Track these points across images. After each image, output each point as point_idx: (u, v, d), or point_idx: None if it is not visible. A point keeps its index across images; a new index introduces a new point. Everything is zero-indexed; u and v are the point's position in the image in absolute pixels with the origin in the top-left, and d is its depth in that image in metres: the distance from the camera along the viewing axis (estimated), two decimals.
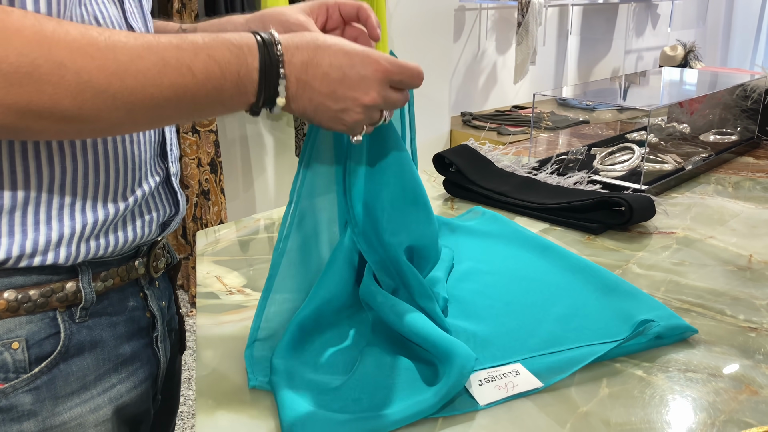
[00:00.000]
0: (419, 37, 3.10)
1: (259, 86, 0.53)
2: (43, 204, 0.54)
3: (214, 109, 0.54)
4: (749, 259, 0.88)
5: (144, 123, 0.52)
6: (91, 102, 0.46)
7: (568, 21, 3.99)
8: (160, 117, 0.52)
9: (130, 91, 0.47)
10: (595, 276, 0.79)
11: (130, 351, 0.63)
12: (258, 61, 0.53)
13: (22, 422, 0.55)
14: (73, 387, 0.58)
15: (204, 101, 0.52)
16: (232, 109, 0.55)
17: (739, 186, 1.20)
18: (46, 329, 0.56)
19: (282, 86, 0.54)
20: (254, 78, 0.53)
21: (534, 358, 0.65)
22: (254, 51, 0.52)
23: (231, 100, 0.53)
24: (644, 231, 0.99)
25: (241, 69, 0.52)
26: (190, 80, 0.50)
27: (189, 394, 2.08)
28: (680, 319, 0.69)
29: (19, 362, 0.54)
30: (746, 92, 1.48)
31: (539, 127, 1.58)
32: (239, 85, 0.52)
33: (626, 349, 0.67)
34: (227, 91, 0.52)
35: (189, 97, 0.51)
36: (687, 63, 4.04)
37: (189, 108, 0.52)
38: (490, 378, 0.62)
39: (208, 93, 0.51)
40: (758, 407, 0.58)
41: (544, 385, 0.61)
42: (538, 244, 0.90)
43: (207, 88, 0.51)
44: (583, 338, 0.68)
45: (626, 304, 0.73)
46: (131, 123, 0.51)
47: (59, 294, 0.56)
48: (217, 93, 0.52)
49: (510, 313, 0.74)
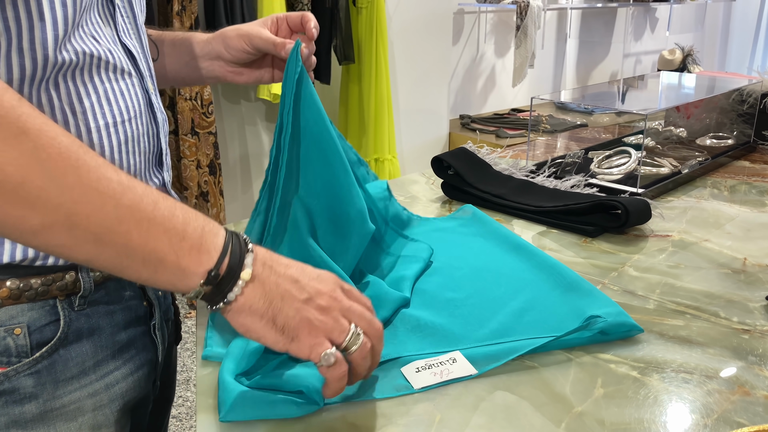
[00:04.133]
0: (418, 39, 3.11)
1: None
2: None
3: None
4: (744, 262, 0.89)
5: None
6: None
7: (567, 24, 4.00)
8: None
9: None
10: (559, 274, 0.80)
11: (127, 339, 0.66)
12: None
13: (23, 404, 0.58)
14: (73, 372, 0.60)
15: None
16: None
17: (735, 190, 1.21)
18: (46, 316, 0.58)
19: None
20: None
21: (477, 348, 0.68)
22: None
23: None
24: (640, 234, 1.00)
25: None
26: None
27: (188, 395, 2.08)
28: (628, 317, 0.70)
29: (21, 347, 0.57)
30: (742, 96, 1.49)
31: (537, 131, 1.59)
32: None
33: (569, 342, 0.69)
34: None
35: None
36: (685, 67, 4.05)
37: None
38: (427, 366, 0.65)
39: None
40: (750, 408, 0.59)
41: (478, 372, 0.64)
42: (512, 242, 0.91)
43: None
44: (532, 331, 0.70)
45: (582, 302, 0.74)
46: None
47: (59, 283, 0.59)
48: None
49: (468, 305, 0.76)
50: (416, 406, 0.60)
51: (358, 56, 2.73)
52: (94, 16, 0.59)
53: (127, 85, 0.62)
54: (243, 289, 0.50)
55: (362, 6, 2.67)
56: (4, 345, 0.56)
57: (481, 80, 3.66)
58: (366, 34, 2.71)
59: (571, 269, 0.81)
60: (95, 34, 0.59)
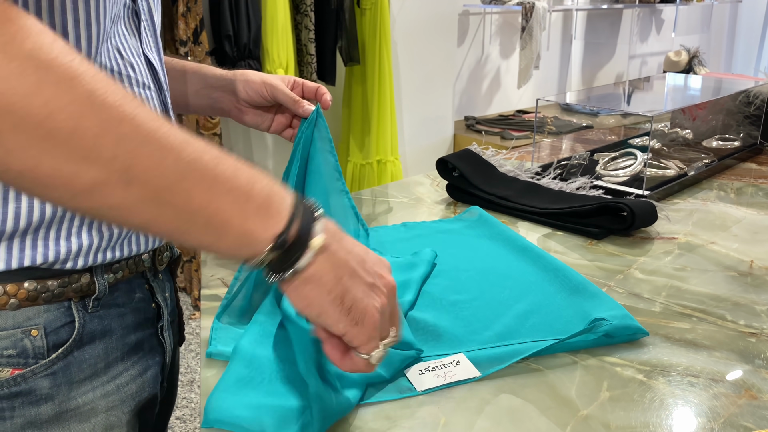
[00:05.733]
0: (423, 41, 3.11)
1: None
2: (66, 221, 0.57)
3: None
4: (750, 264, 0.89)
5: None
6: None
7: (572, 26, 4.00)
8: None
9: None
10: (564, 277, 0.80)
11: (136, 340, 0.66)
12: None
13: (39, 405, 0.58)
14: (86, 373, 0.61)
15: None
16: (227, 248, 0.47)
17: (742, 192, 1.20)
18: (62, 318, 0.59)
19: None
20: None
21: (481, 350, 0.67)
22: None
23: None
24: (646, 236, 0.99)
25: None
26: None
27: (192, 396, 2.08)
28: (633, 320, 0.70)
29: (38, 348, 0.58)
30: (749, 98, 1.49)
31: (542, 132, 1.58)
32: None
33: (574, 345, 0.68)
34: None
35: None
36: (691, 68, 4.04)
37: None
38: (431, 368, 0.65)
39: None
40: (757, 412, 0.58)
41: (481, 375, 0.63)
42: (518, 244, 0.91)
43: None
44: (537, 334, 0.70)
45: (587, 304, 0.74)
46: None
47: (75, 285, 0.59)
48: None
49: (472, 307, 0.76)
50: (420, 408, 0.60)
51: (362, 57, 2.73)
52: (121, 28, 0.60)
53: (146, 99, 0.63)
54: (314, 257, 0.46)
55: (366, 7, 2.67)
56: (21, 346, 0.57)
57: (486, 82, 3.66)
58: (370, 36, 2.71)
59: (577, 272, 0.81)
60: (120, 46, 0.60)
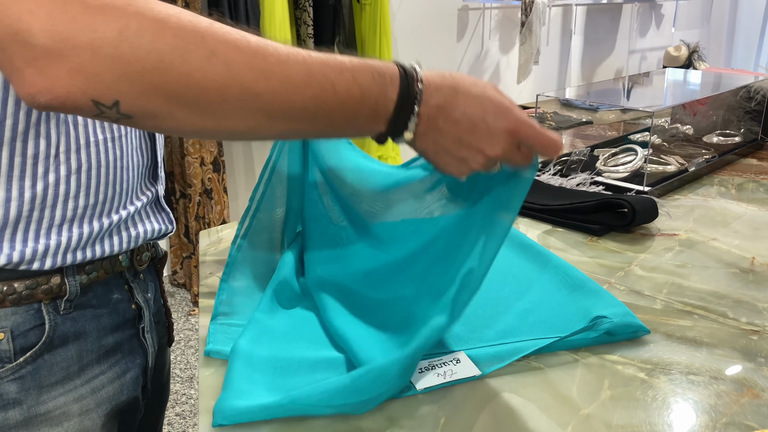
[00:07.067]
0: (423, 36, 3.10)
1: (392, 118, 0.53)
2: (34, 221, 0.56)
3: (344, 130, 0.54)
4: (752, 261, 0.88)
5: (277, 131, 0.52)
6: (236, 97, 0.46)
7: (572, 21, 3.99)
8: (293, 128, 0.51)
9: (273, 94, 0.47)
10: (565, 274, 0.80)
11: (114, 342, 0.65)
12: (397, 94, 0.52)
13: (7, 410, 0.57)
14: (58, 377, 0.59)
15: (338, 121, 0.52)
16: (361, 134, 0.55)
17: (743, 188, 1.20)
18: (31, 320, 0.57)
19: (413, 123, 0.54)
20: (389, 110, 0.53)
21: (482, 348, 0.67)
22: (395, 83, 0.52)
23: (363, 125, 0.53)
24: (647, 233, 0.99)
25: (380, 98, 0.52)
26: (331, 97, 0.50)
27: (191, 393, 2.08)
28: (635, 317, 0.70)
29: (4, 352, 0.56)
30: (750, 94, 1.48)
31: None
32: (374, 113, 0.52)
33: (575, 343, 0.68)
34: (362, 116, 0.52)
35: (326, 114, 0.50)
36: (691, 63, 4.03)
37: (322, 124, 0.52)
38: (431, 366, 0.64)
39: (345, 114, 0.51)
40: (760, 410, 0.58)
41: (482, 373, 0.63)
42: (518, 241, 0.90)
43: (344, 109, 0.51)
44: (537, 331, 0.69)
45: (588, 302, 0.73)
46: (267, 128, 0.50)
47: (44, 287, 0.58)
48: (353, 116, 0.52)
49: (472, 305, 0.75)
50: (421, 407, 0.59)
51: (362, 53, 2.72)
52: None
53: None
54: (406, 141, 0.55)
55: (366, 2, 2.66)
56: None
57: (485, 77, 3.65)
58: (369, 31, 2.70)
59: (577, 269, 0.80)
60: None
